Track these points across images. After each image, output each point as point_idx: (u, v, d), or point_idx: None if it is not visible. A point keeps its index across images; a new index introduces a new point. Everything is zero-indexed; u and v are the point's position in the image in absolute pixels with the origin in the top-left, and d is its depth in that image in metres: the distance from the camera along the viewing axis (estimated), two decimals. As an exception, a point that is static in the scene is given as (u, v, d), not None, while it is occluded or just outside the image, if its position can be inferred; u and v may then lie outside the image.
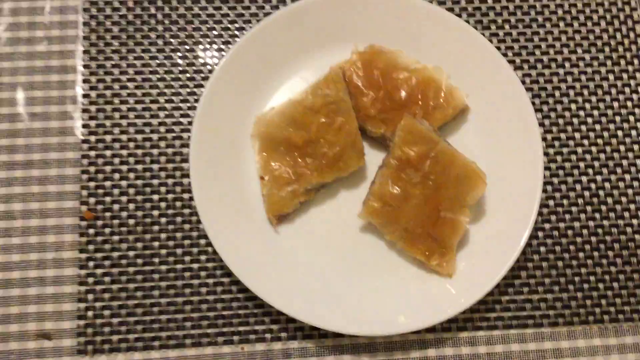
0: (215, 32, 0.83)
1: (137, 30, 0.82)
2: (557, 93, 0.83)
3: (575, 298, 0.78)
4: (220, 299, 0.76)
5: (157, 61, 0.82)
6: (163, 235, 0.78)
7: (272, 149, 0.76)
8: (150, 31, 0.82)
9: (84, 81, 0.81)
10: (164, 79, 0.81)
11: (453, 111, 0.77)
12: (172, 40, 0.82)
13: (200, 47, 0.82)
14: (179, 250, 0.77)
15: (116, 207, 0.78)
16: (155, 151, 0.80)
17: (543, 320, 0.77)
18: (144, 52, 0.82)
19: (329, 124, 0.75)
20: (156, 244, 0.77)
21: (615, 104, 0.83)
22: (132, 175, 0.79)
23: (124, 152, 0.79)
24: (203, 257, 0.77)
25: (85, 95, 0.80)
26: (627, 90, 0.83)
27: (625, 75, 0.83)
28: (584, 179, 0.81)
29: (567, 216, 0.80)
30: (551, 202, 0.80)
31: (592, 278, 0.78)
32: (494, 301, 0.77)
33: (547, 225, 0.80)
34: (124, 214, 0.78)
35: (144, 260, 0.77)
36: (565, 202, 0.80)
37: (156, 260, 0.77)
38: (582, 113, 0.82)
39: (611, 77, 0.83)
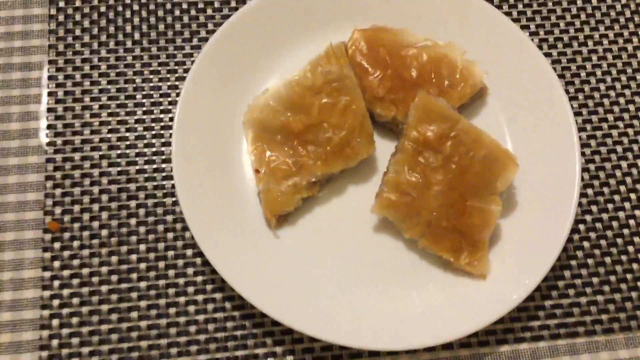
0: (199, 21, 0.74)
1: (110, 22, 0.73)
2: (582, 73, 0.74)
3: (630, 299, 0.66)
4: (212, 318, 0.64)
5: (133, 54, 0.72)
6: (142, 247, 0.66)
7: (267, 137, 0.65)
8: (125, 22, 0.73)
9: (50, 78, 0.71)
10: (141, 72, 0.72)
11: (471, 90, 0.68)
12: (150, 31, 0.73)
13: (182, 37, 0.73)
14: (161, 264, 0.65)
15: (86, 216, 0.66)
16: (131, 152, 0.69)
17: (596, 327, 0.65)
18: (118, 44, 0.72)
19: (332, 104, 0.65)
20: (134, 257, 0.65)
21: (648, 82, 0.74)
22: (104, 179, 0.68)
23: (96, 154, 0.68)
24: (190, 270, 0.65)
25: (51, 94, 0.70)
26: (659, 67, 0.75)
27: (655, 52, 0.75)
28: (624, 164, 0.71)
29: (610, 206, 0.69)
30: (590, 191, 0.70)
31: (646, 275, 0.67)
32: (536, 307, 0.66)
33: (588, 217, 0.69)
34: (95, 223, 0.66)
35: (119, 276, 0.65)
36: (605, 190, 0.70)
37: (134, 276, 0.65)
38: (612, 93, 0.74)
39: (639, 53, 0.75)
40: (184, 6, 0.74)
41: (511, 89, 0.70)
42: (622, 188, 0.70)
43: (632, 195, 0.70)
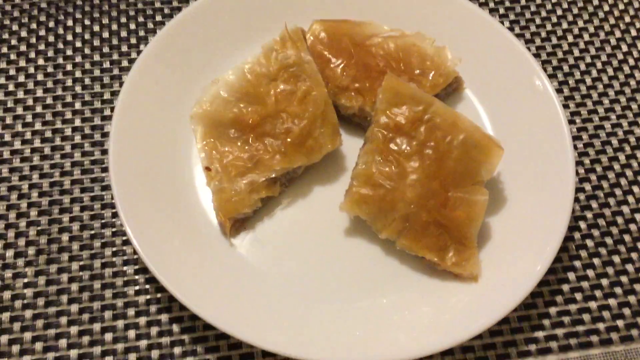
0: (146, 27, 0.68)
1: (50, 30, 0.67)
2: (564, 67, 0.68)
3: (647, 301, 0.57)
4: (156, 344, 0.53)
5: (74, 62, 0.66)
6: (74, 265, 0.56)
7: (219, 132, 0.58)
8: (66, 31, 0.67)
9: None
10: (82, 80, 0.65)
11: (445, 79, 0.62)
12: (92, 39, 0.67)
13: (127, 43, 0.67)
14: (96, 284, 0.55)
15: (11, 233, 0.57)
16: (67, 162, 0.61)
17: (611, 335, 0.55)
18: (57, 52, 0.66)
19: (290, 92, 0.58)
20: (65, 276, 0.56)
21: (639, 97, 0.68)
22: (34, 192, 0.59)
23: (26, 165, 0.60)
24: (131, 290, 0.55)
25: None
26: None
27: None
28: (621, 156, 0.64)
29: (612, 200, 0.61)
30: (587, 186, 0.62)
31: (662, 273, 0.58)
32: (540, 315, 0.56)
33: (588, 214, 0.61)
34: (22, 240, 0.57)
35: (46, 299, 0.55)
36: (604, 184, 0.62)
37: (64, 298, 0.55)
38: (599, 85, 0.67)
39: (625, 68, 0.69)
40: (131, 13, 0.69)
41: (489, 80, 0.64)
42: (623, 181, 0.62)
43: (635, 189, 0.62)
